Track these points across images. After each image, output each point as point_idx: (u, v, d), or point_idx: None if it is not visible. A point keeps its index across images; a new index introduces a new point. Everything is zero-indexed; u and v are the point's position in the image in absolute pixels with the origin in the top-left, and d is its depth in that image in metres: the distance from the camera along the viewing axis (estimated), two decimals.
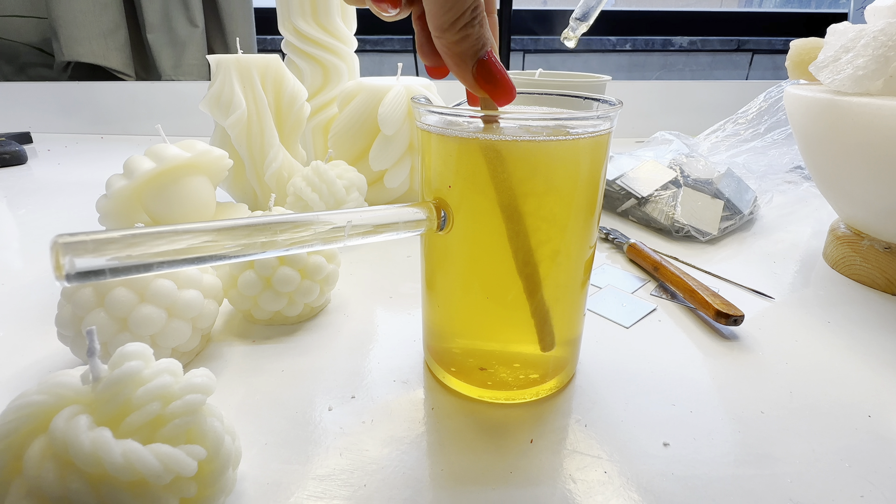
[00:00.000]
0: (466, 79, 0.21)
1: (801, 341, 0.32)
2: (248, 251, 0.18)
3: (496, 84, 0.21)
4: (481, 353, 0.25)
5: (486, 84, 0.21)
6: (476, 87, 0.21)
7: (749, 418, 0.25)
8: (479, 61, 0.20)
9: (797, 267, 0.42)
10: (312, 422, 0.25)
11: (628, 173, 0.53)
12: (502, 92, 0.21)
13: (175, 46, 0.97)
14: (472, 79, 0.21)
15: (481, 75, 0.20)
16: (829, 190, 0.40)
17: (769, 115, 0.66)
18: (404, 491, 0.21)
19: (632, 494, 0.21)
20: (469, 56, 0.20)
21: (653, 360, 0.30)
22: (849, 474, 0.22)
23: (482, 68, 0.20)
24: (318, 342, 0.31)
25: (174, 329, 0.26)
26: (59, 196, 0.60)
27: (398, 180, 0.50)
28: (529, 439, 0.24)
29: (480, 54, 0.20)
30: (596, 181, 0.23)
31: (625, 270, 0.41)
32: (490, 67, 0.20)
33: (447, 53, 0.21)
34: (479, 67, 0.20)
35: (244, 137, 0.46)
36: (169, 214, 0.37)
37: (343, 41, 0.55)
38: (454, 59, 0.20)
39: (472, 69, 0.20)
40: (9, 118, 0.96)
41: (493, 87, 0.21)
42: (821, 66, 0.36)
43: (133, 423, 0.17)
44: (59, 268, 0.14)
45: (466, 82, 0.21)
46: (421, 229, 0.22)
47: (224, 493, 0.19)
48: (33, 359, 0.29)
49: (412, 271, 0.41)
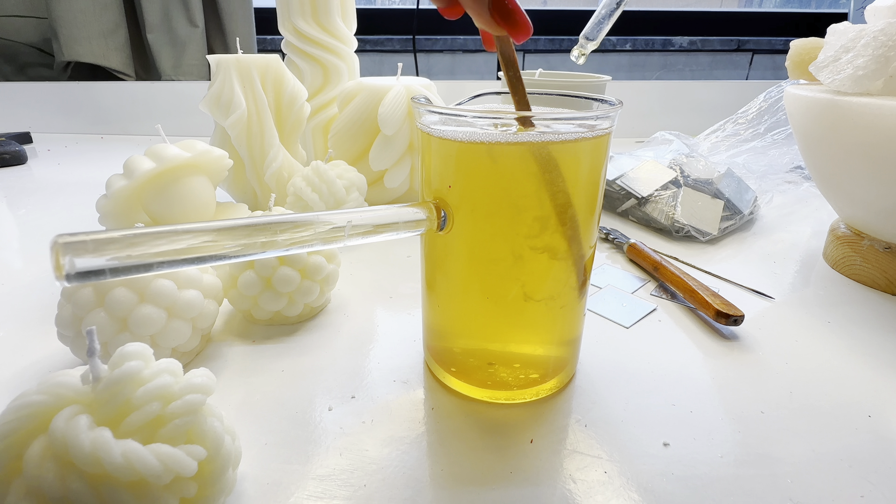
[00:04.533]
0: (483, 14, 0.20)
1: (801, 341, 0.32)
2: (248, 251, 0.18)
3: (512, 19, 0.20)
4: (481, 353, 0.25)
5: (502, 20, 0.20)
6: (493, 24, 0.20)
7: (749, 418, 0.25)
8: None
9: (797, 267, 0.42)
10: (312, 422, 0.25)
11: (628, 173, 0.53)
12: (519, 28, 0.20)
13: (175, 46, 0.97)
14: (487, 14, 0.20)
15: (497, 10, 0.20)
16: (829, 190, 0.40)
17: (769, 115, 0.66)
18: (404, 491, 0.21)
19: (632, 494, 0.21)
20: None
21: (653, 360, 0.30)
22: (849, 474, 0.22)
23: (498, 3, 0.20)
24: (318, 342, 0.31)
25: (174, 329, 0.26)
26: (59, 196, 0.60)
27: (398, 180, 0.50)
28: (529, 439, 0.24)
29: None
30: (596, 181, 0.23)
31: (625, 270, 0.41)
32: (505, 2, 0.20)
33: None
34: (494, 2, 0.20)
35: (244, 137, 0.46)
36: (169, 214, 0.37)
37: (343, 41, 0.55)
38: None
39: (489, 4, 0.20)
40: (9, 118, 0.96)
41: (510, 22, 0.20)
42: (821, 66, 0.36)
43: (133, 424, 0.17)
44: (59, 268, 0.14)
45: (482, 19, 0.20)
46: (421, 229, 0.22)
47: (224, 493, 0.19)
48: (33, 359, 0.29)
49: (412, 271, 0.41)
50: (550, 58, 1.14)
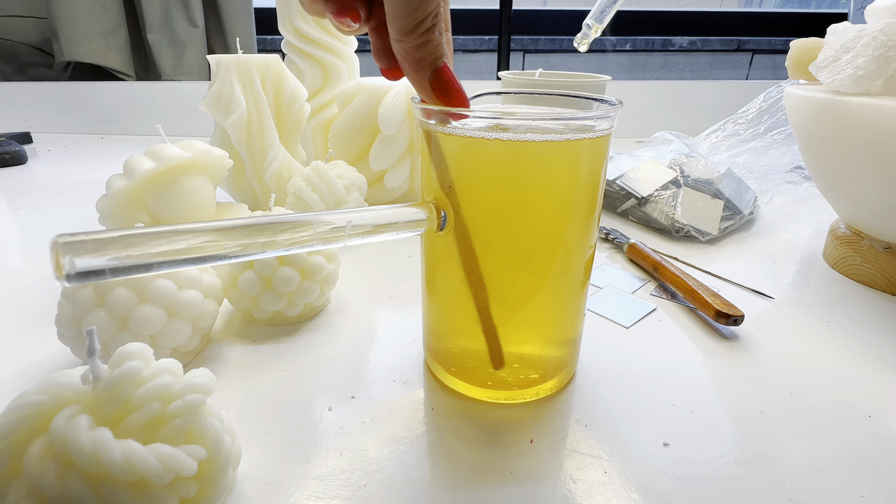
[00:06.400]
0: (423, 85, 0.21)
1: (801, 341, 0.32)
2: (248, 251, 0.18)
3: (450, 95, 0.21)
4: (481, 353, 0.25)
5: (440, 94, 0.21)
6: (431, 96, 0.21)
7: (749, 418, 0.25)
8: (435, 70, 0.20)
9: (797, 267, 0.42)
10: (312, 422, 0.25)
11: (628, 173, 0.53)
12: (456, 104, 0.21)
13: (175, 46, 0.97)
14: (428, 86, 0.21)
15: (437, 85, 0.21)
16: (829, 190, 0.40)
17: (769, 115, 0.66)
18: (404, 491, 0.21)
19: (632, 494, 0.21)
20: (427, 63, 0.20)
21: (653, 360, 0.30)
22: (849, 474, 0.22)
23: (438, 78, 0.20)
24: (318, 342, 0.31)
25: (174, 329, 0.26)
26: (59, 196, 0.60)
27: (398, 180, 0.50)
28: (529, 439, 0.24)
29: (437, 63, 0.20)
30: (596, 181, 0.23)
31: (625, 270, 0.41)
32: (445, 78, 0.20)
33: (406, 58, 0.20)
34: (435, 77, 0.20)
35: (244, 137, 0.46)
36: (169, 214, 0.37)
37: (343, 41, 0.55)
38: (412, 65, 0.20)
39: (430, 77, 0.20)
40: (9, 118, 0.96)
41: (448, 97, 0.21)
42: (821, 66, 0.36)
43: (133, 423, 0.17)
44: (59, 268, 0.14)
45: (422, 89, 0.21)
46: (421, 229, 0.22)
47: (224, 493, 0.19)
48: (33, 359, 0.29)
49: (412, 271, 0.41)
50: (550, 58, 1.14)
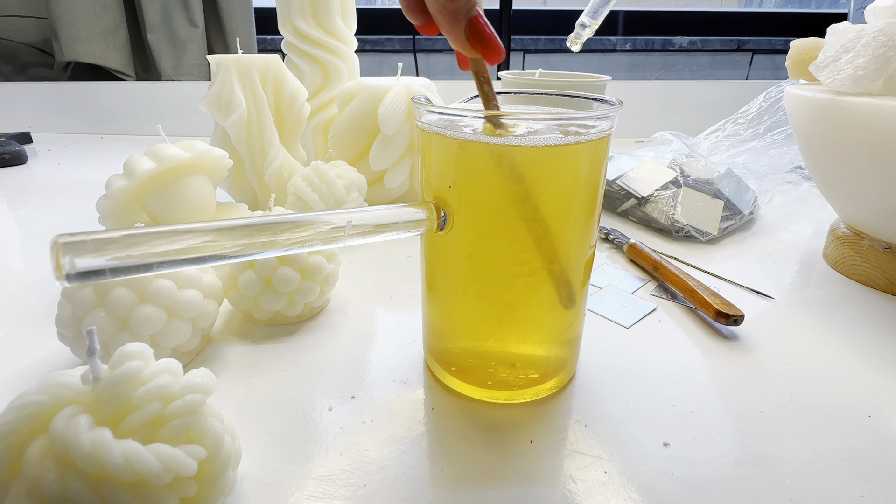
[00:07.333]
0: (458, 37, 0.21)
1: (801, 341, 0.32)
2: (248, 251, 0.18)
3: (486, 43, 0.21)
4: (481, 353, 0.25)
5: (476, 43, 0.21)
6: (467, 47, 0.21)
7: (749, 418, 0.25)
8: (469, 21, 0.21)
9: (797, 267, 0.42)
10: (312, 422, 0.25)
11: (628, 173, 0.53)
12: (492, 51, 0.21)
13: (175, 46, 0.97)
14: (463, 37, 0.21)
15: (472, 34, 0.21)
16: (829, 190, 0.40)
17: (769, 115, 0.66)
18: (404, 491, 0.21)
19: (632, 494, 0.21)
20: (462, 14, 0.20)
21: (653, 360, 0.30)
22: (849, 474, 0.22)
23: (473, 27, 0.21)
24: (318, 342, 0.31)
25: (174, 329, 0.26)
26: (59, 196, 0.60)
27: (398, 180, 0.50)
28: (529, 439, 0.24)
29: (471, 13, 0.21)
30: (596, 181, 0.23)
31: (625, 270, 0.41)
32: (480, 27, 0.21)
33: (440, 11, 0.21)
34: (469, 27, 0.21)
35: (244, 137, 0.46)
36: (169, 214, 0.37)
37: (343, 41, 0.55)
38: (446, 18, 0.21)
39: (465, 28, 0.21)
40: (9, 118, 0.96)
41: (484, 46, 0.21)
42: (821, 66, 0.36)
43: (133, 423, 0.17)
44: (59, 268, 0.14)
45: (458, 41, 0.21)
46: (421, 229, 0.22)
47: (224, 493, 0.19)
48: (33, 359, 0.29)
49: (412, 271, 0.41)
50: (550, 58, 1.14)
